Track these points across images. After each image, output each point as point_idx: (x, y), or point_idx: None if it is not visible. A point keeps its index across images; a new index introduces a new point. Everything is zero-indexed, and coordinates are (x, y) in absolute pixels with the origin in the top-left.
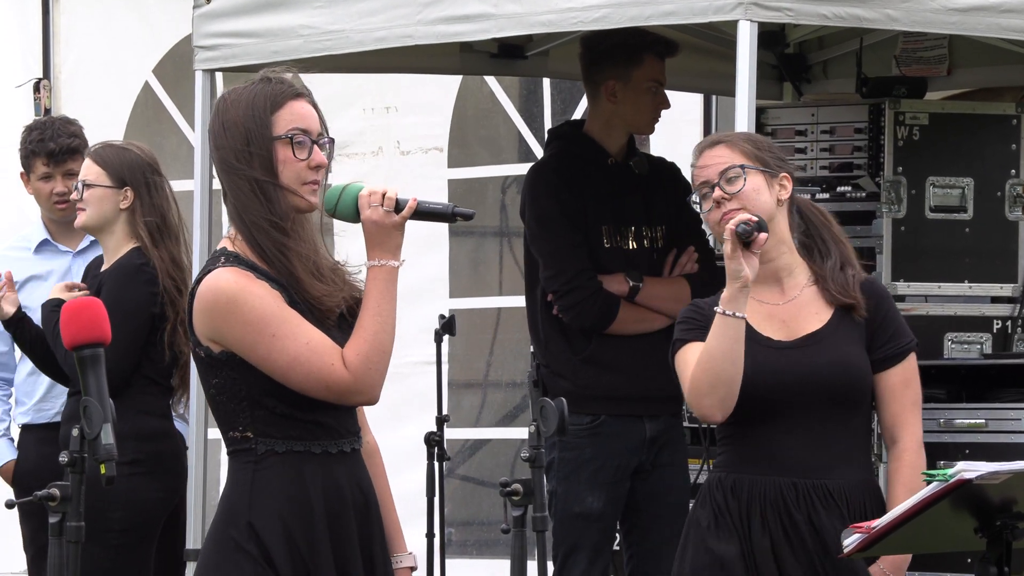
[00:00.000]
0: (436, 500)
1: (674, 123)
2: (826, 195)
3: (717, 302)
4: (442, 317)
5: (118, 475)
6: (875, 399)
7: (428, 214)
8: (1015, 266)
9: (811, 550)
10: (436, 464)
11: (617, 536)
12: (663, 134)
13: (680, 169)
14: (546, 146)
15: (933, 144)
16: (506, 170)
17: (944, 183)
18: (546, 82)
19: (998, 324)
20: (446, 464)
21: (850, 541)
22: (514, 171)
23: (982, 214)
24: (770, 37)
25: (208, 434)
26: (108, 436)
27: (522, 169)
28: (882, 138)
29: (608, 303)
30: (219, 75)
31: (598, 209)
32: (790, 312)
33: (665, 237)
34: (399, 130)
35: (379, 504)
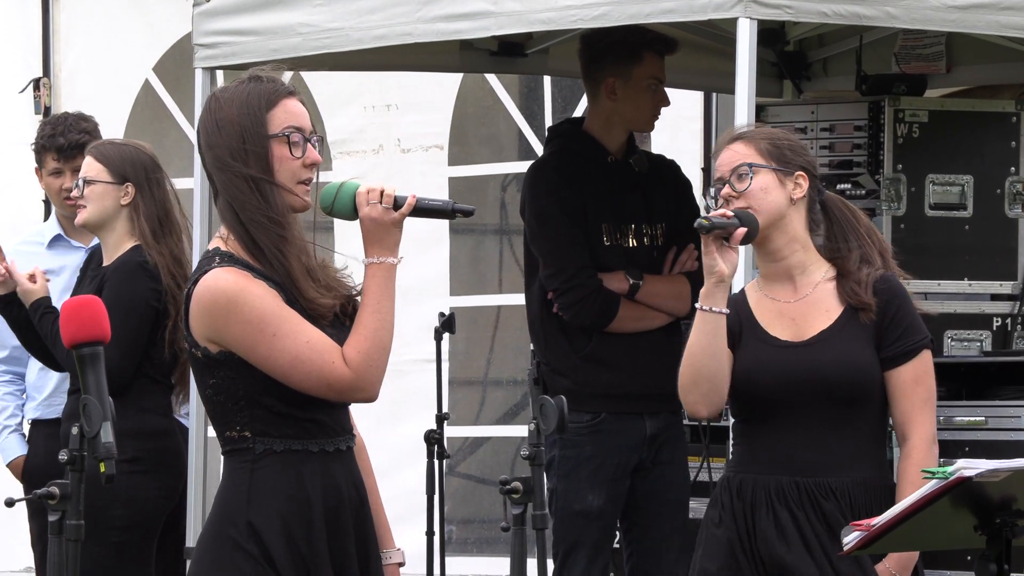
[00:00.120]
0: (436, 498)
1: (674, 121)
2: None
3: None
4: (442, 315)
5: (118, 473)
6: (887, 397)
7: (427, 211)
8: (1015, 263)
9: (814, 547)
10: (436, 462)
11: (617, 534)
12: (663, 132)
13: (680, 167)
14: (546, 144)
15: (933, 141)
16: (506, 168)
17: (944, 180)
18: (546, 80)
19: (998, 322)
20: (446, 462)
21: (850, 539)
22: (514, 169)
23: (982, 211)
24: (770, 35)
25: (208, 433)
26: (108, 434)
27: (522, 167)
28: (882, 135)
29: (608, 301)
30: (219, 73)
31: (598, 207)
32: (800, 310)
33: (665, 235)
34: (399, 128)
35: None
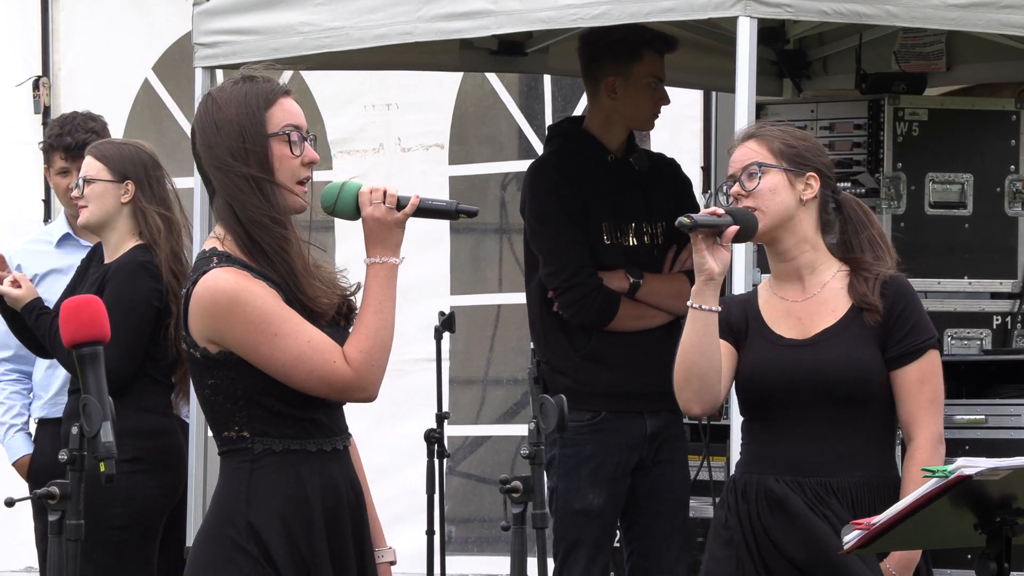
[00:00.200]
0: (436, 497)
1: (674, 120)
2: None
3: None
4: (442, 314)
5: (118, 472)
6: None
7: (431, 211)
8: (1015, 262)
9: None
10: (436, 461)
11: (617, 532)
12: (663, 130)
13: (680, 165)
14: (546, 143)
15: (932, 140)
16: (506, 167)
17: (943, 179)
18: (547, 79)
19: (998, 320)
20: (446, 461)
21: (850, 537)
22: (514, 168)
23: (981, 210)
24: (770, 33)
25: (208, 432)
26: (108, 434)
27: (522, 166)
28: (881, 134)
29: (608, 300)
30: (219, 72)
31: (598, 205)
32: (807, 309)
33: (665, 233)
34: (400, 127)
35: None
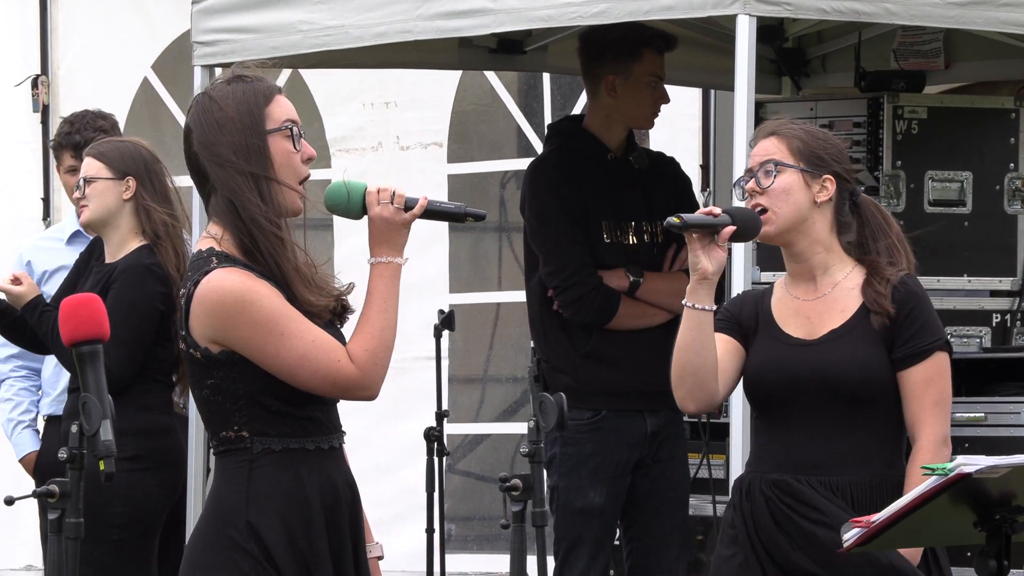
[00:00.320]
0: (436, 495)
1: (673, 118)
2: None
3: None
4: (441, 312)
5: (118, 471)
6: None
7: (438, 213)
8: (1014, 260)
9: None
10: (436, 459)
11: (617, 531)
12: (662, 129)
13: (680, 164)
14: (546, 141)
15: (932, 138)
16: (505, 165)
17: (943, 177)
18: (546, 77)
19: (997, 318)
20: (446, 459)
21: (849, 536)
22: (513, 166)
23: (981, 208)
24: (769, 31)
25: None
26: (107, 432)
27: (522, 164)
28: (881, 132)
29: (608, 298)
30: (218, 71)
31: (598, 204)
32: (817, 309)
33: (665, 232)
34: (399, 125)
35: None
